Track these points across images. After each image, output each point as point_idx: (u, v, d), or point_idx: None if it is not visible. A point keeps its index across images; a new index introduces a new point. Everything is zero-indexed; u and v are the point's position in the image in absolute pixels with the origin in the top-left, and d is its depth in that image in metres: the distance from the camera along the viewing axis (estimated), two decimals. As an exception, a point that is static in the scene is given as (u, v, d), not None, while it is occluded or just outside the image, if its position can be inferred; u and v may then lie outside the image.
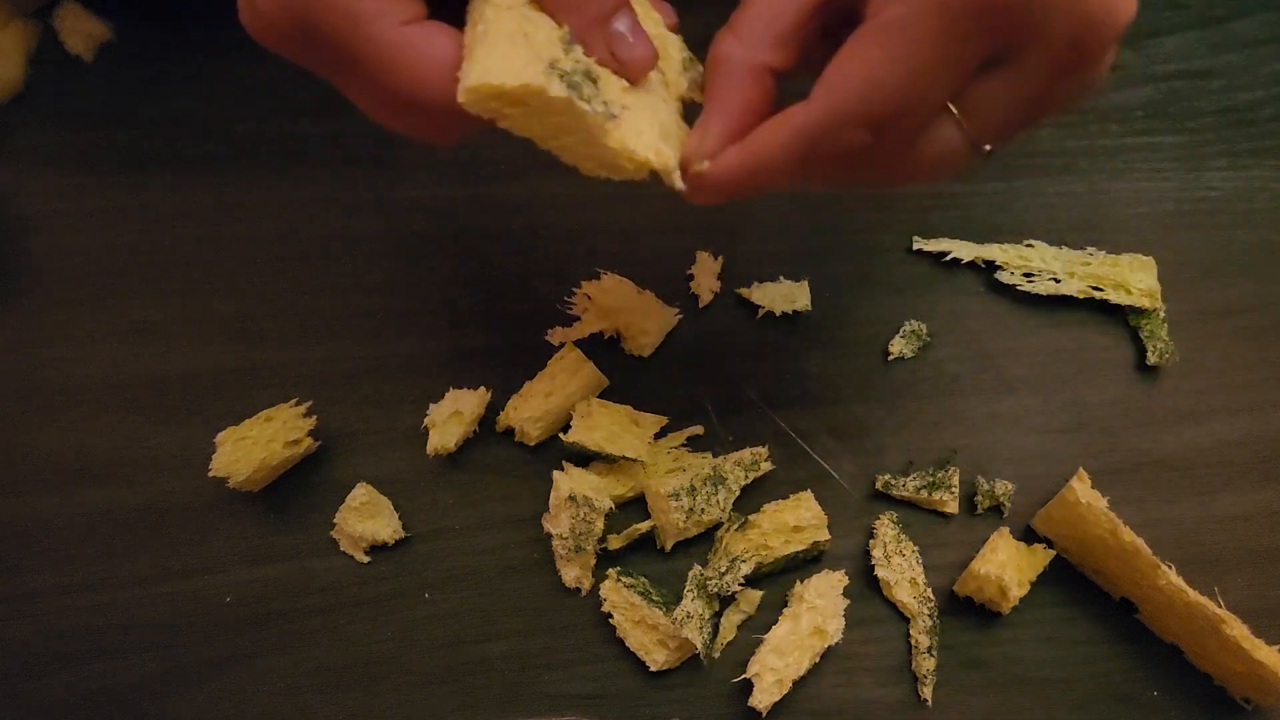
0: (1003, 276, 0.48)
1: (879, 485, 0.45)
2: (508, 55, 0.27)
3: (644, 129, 0.30)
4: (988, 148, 0.31)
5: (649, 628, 0.42)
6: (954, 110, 0.30)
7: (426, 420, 0.44)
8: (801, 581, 0.43)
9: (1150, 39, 0.54)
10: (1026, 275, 0.48)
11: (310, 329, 0.47)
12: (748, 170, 0.30)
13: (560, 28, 0.29)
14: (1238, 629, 0.40)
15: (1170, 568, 0.40)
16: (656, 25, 0.33)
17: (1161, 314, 0.48)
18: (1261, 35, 0.54)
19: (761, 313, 0.47)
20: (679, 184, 0.31)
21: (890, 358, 0.47)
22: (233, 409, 0.44)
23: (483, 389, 0.45)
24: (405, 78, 0.29)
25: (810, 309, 0.47)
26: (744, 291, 0.48)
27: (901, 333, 0.47)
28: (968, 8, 0.27)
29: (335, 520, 0.43)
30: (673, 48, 0.34)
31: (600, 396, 0.45)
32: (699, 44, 0.33)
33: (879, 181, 0.33)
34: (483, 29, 0.28)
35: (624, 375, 0.46)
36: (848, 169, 0.31)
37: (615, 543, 0.43)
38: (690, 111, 0.33)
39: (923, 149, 0.31)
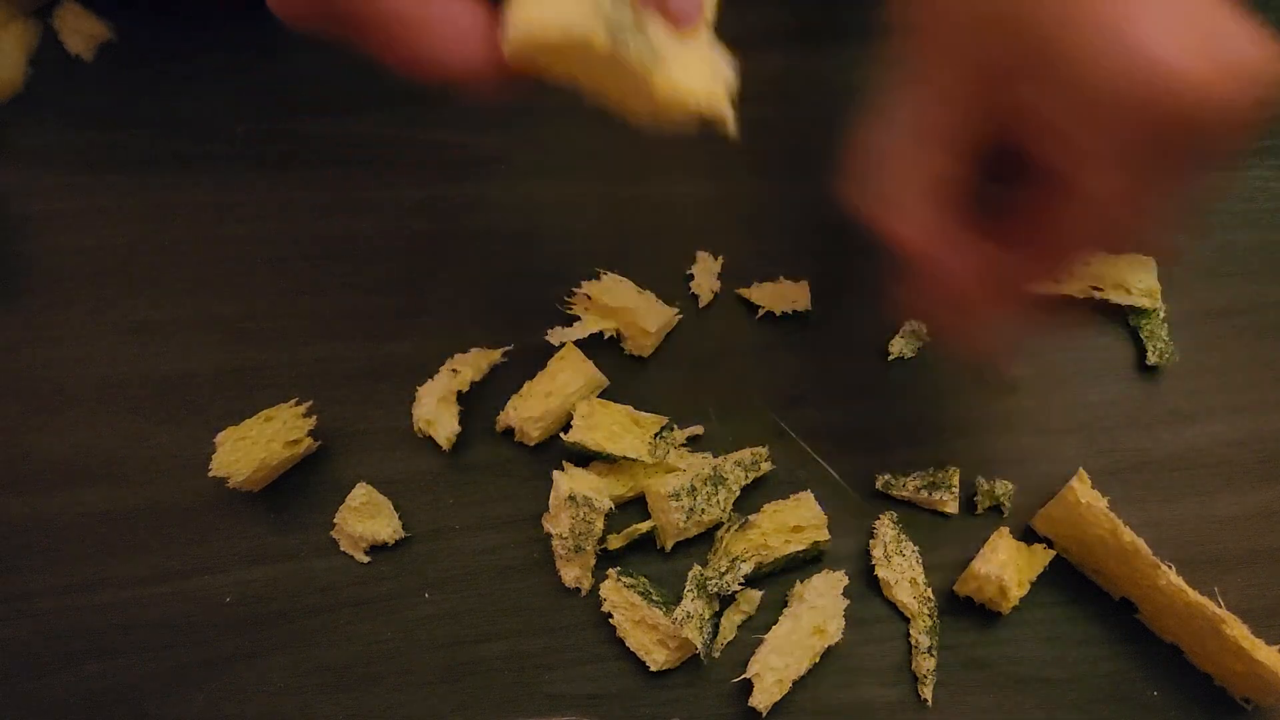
0: (1003, 276, 0.48)
1: (879, 485, 0.45)
2: (552, 3, 0.27)
3: (693, 74, 0.29)
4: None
5: (649, 628, 0.42)
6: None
7: (419, 423, 0.44)
8: (801, 581, 0.43)
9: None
10: (1026, 275, 0.48)
11: (310, 329, 0.47)
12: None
13: None
14: (1238, 629, 0.40)
15: (1170, 568, 0.40)
16: None
17: (1161, 314, 0.48)
18: (1261, 35, 0.54)
19: (761, 312, 0.47)
20: (732, 129, 0.30)
21: (890, 358, 0.47)
22: (233, 409, 0.44)
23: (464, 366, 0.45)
24: (430, 49, 0.28)
25: (810, 309, 0.47)
26: (744, 291, 0.48)
27: (901, 333, 0.47)
28: (1151, 158, 0.29)
29: (335, 520, 0.43)
30: None
31: (600, 396, 0.45)
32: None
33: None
34: None
35: (624, 375, 0.46)
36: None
37: (615, 543, 0.43)
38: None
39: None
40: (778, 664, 0.41)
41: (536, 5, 0.27)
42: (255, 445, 0.42)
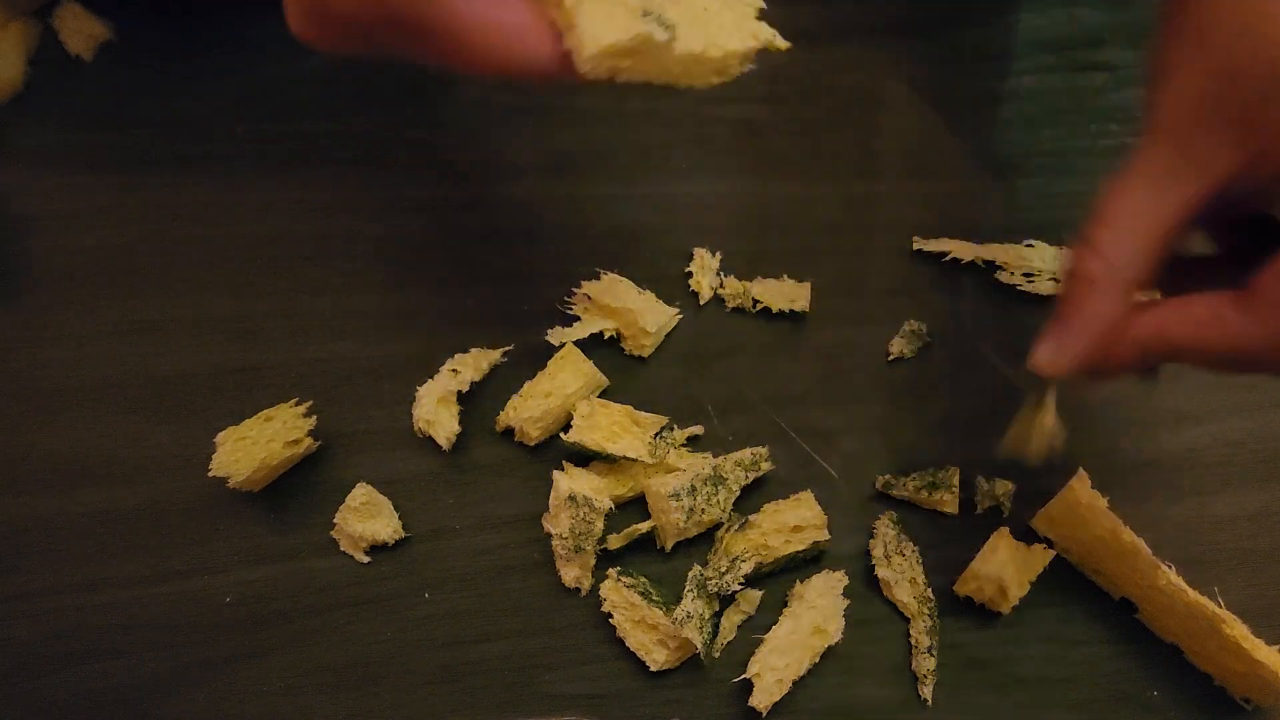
0: (1003, 276, 0.48)
1: (879, 485, 0.45)
2: (609, 15, 0.29)
3: (728, 23, 0.32)
4: None
5: (649, 628, 0.42)
6: None
7: (419, 423, 0.44)
8: (801, 581, 0.43)
9: (1150, 39, 0.54)
10: (1026, 275, 0.48)
11: (310, 329, 0.47)
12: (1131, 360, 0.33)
13: None
14: (1238, 629, 0.40)
15: (1170, 568, 0.40)
16: None
17: (1161, 314, 0.48)
18: (1261, 35, 0.54)
19: (759, 307, 0.47)
20: (782, 43, 0.33)
21: (890, 358, 0.47)
22: (233, 409, 0.44)
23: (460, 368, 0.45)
24: (504, 50, 0.29)
25: (810, 309, 0.47)
26: (744, 284, 0.48)
27: (901, 333, 0.47)
28: None
29: (335, 520, 0.43)
30: None
31: (600, 396, 0.45)
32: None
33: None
34: None
35: (624, 375, 0.46)
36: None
37: (615, 543, 0.43)
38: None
39: None
40: (778, 664, 0.41)
41: (597, 19, 0.29)
42: (255, 445, 0.42)
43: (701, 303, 0.48)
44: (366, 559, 0.43)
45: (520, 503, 0.44)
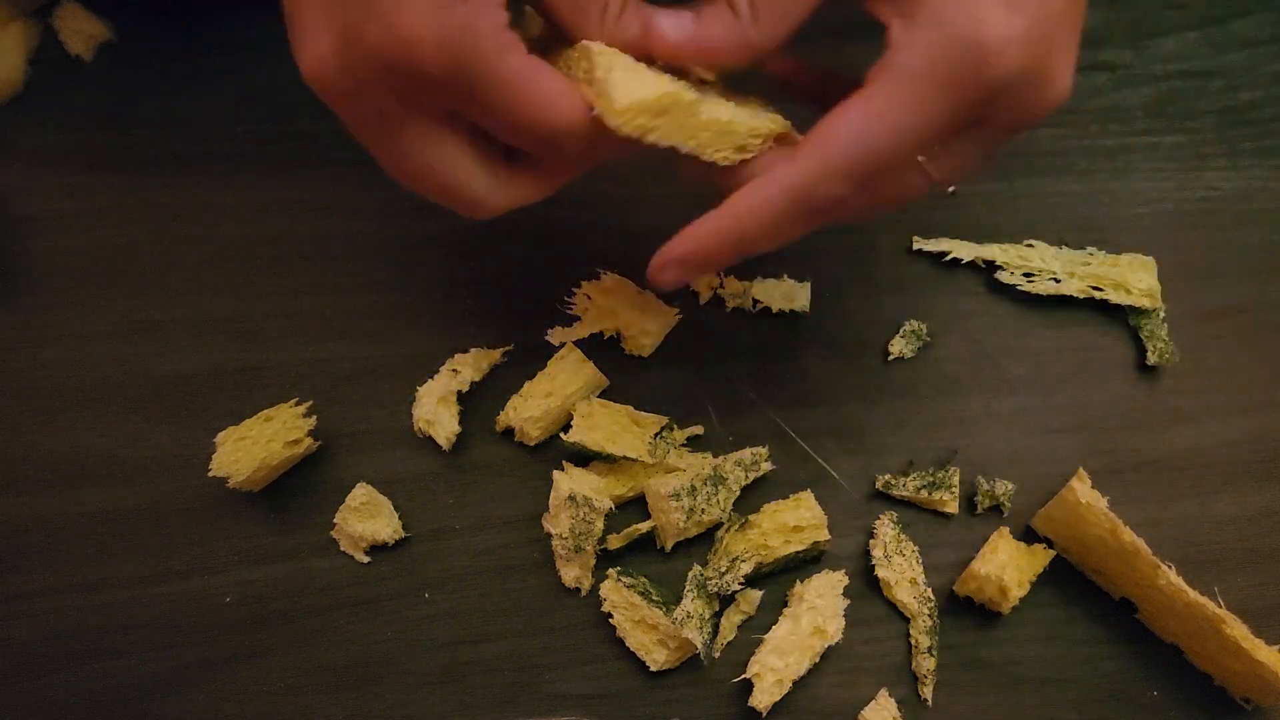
0: (1003, 276, 0.48)
1: (879, 485, 0.45)
2: (639, 76, 0.31)
3: (747, 112, 0.34)
4: (952, 189, 0.34)
5: (649, 628, 0.42)
6: (921, 161, 0.33)
7: (419, 423, 0.44)
8: (801, 581, 0.43)
9: (1150, 39, 0.54)
10: (1026, 275, 0.48)
11: (310, 329, 0.47)
12: (733, 237, 0.33)
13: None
14: (1238, 629, 0.40)
15: (1170, 568, 0.40)
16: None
17: (1161, 314, 0.48)
18: (1261, 35, 0.54)
19: (759, 307, 0.47)
20: (796, 136, 0.34)
21: (890, 358, 0.47)
22: (233, 409, 0.44)
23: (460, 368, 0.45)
24: (544, 107, 0.30)
25: (810, 309, 0.47)
26: (745, 284, 0.47)
27: (901, 333, 0.47)
28: (952, 95, 0.30)
29: (335, 520, 0.43)
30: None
31: (600, 396, 0.45)
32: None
33: (839, 222, 0.34)
34: (604, 62, 0.31)
35: (624, 375, 0.46)
36: (816, 221, 0.33)
37: (615, 543, 0.43)
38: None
39: (885, 193, 0.34)
40: (778, 664, 0.41)
41: (626, 79, 0.31)
42: (255, 445, 0.42)
43: (701, 303, 0.48)
44: (366, 559, 0.43)
45: (520, 503, 0.44)
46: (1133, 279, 0.48)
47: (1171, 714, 0.43)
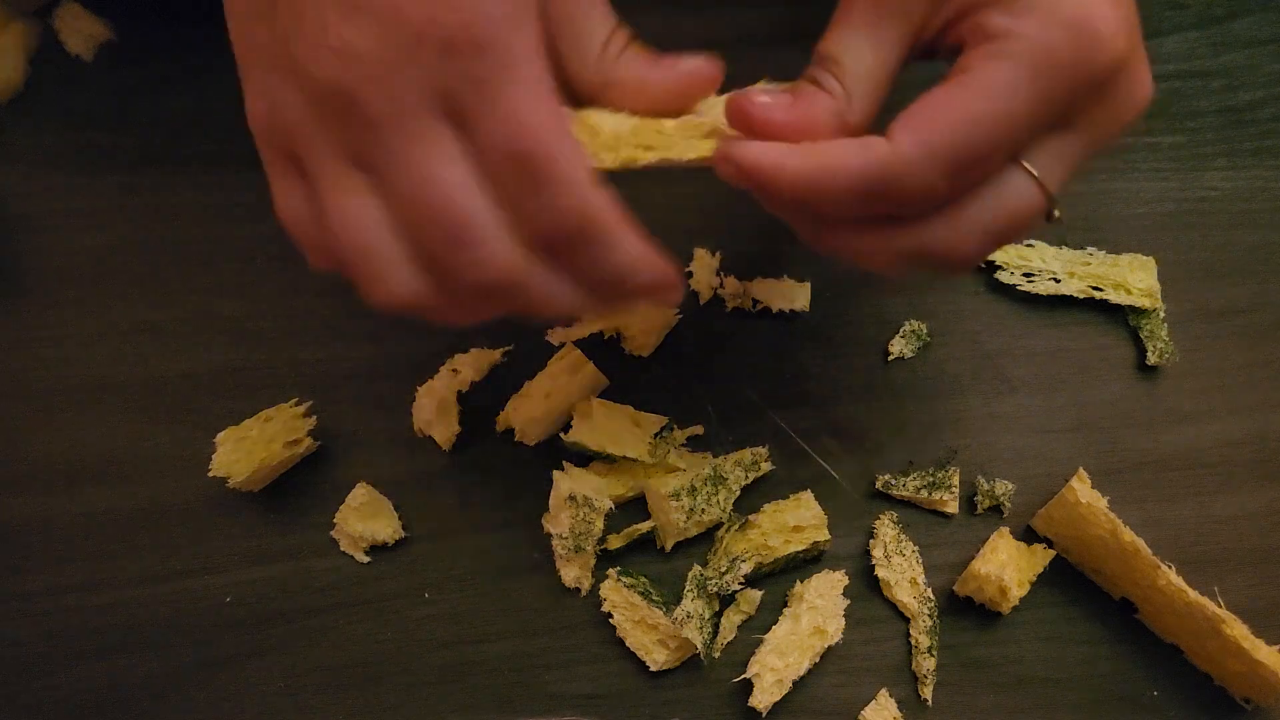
0: (1003, 276, 0.48)
1: (879, 485, 0.45)
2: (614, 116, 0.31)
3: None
4: (1056, 213, 0.33)
5: (649, 628, 0.42)
6: (1028, 167, 0.31)
7: (419, 423, 0.44)
8: (801, 581, 0.43)
9: (1150, 39, 0.53)
10: (1026, 275, 0.48)
11: (310, 329, 0.47)
12: (810, 178, 0.30)
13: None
14: (1238, 629, 0.40)
15: (1170, 568, 0.40)
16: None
17: (1161, 314, 0.48)
18: (1261, 35, 0.54)
19: (759, 307, 0.47)
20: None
21: (890, 358, 0.47)
22: (233, 409, 0.44)
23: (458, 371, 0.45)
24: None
25: (810, 309, 0.47)
26: (744, 284, 0.48)
27: (901, 333, 0.47)
28: (1062, 77, 0.29)
29: (335, 520, 0.43)
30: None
31: (600, 396, 0.45)
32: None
33: (947, 250, 0.31)
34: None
35: (624, 375, 0.46)
36: (911, 228, 0.31)
37: (615, 543, 0.43)
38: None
39: (995, 208, 0.31)
40: (778, 664, 0.41)
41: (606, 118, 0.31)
42: (255, 445, 0.42)
43: (701, 303, 0.48)
44: (366, 559, 0.43)
45: (520, 503, 0.44)
46: (1133, 279, 0.48)
47: (1171, 714, 0.43)
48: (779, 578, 0.44)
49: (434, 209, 0.27)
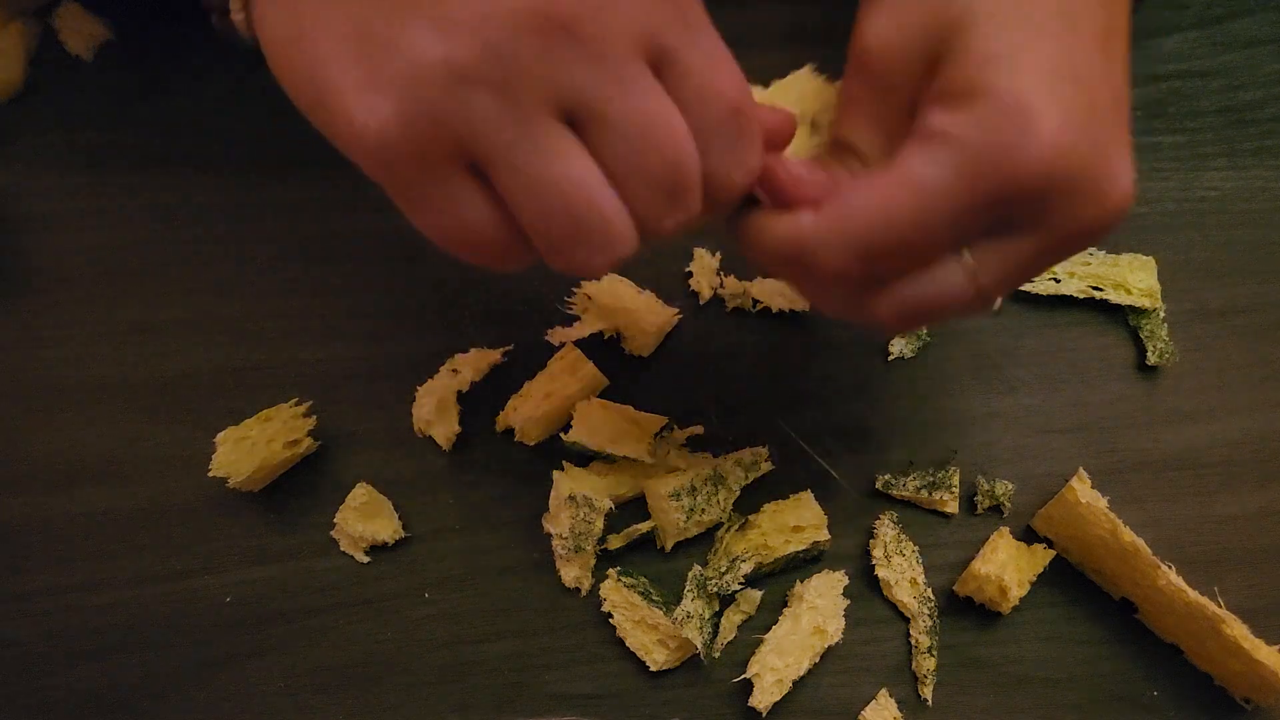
0: (1003, 276, 0.48)
1: (879, 485, 0.45)
2: None
3: None
4: (996, 307, 0.32)
5: (649, 628, 0.42)
6: (967, 257, 0.30)
7: (419, 423, 0.44)
8: (801, 581, 0.43)
9: (1150, 39, 0.54)
10: (1026, 275, 0.48)
11: (310, 329, 0.47)
12: (742, 233, 0.31)
13: None
14: (1238, 629, 0.40)
15: (1170, 568, 0.40)
16: None
17: (1161, 314, 0.48)
18: (1261, 35, 0.54)
19: (759, 307, 0.47)
20: None
21: (890, 358, 0.47)
22: (233, 409, 0.44)
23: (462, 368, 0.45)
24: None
25: (810, 309, 0.47)
26: (744, 284, 0.48)
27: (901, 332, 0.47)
28: (990, 183, 0.28)
29: (335, 520, 0.43)
30: None
31: (600, 396, 0.45)
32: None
33: (866, 316, 0.31)
34: None
35: (624, 375, 0.46)
36: (838, 292, 0.31)
37: (615, 543, 0.43)
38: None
39: (919, 291, 0.30)
40: (778, 664, 0.41)
41: None
42: (255, 445, 0.42)
43: (701, 303, 0.48)
44: (366, 559, 0.43)
45: (520, 503, 0.44)
46: (1132, 279, 0.48)
47: (1171, 714, 0.43)
48: (779, 578, 0.44)
49: (664, 152, 0.26)
